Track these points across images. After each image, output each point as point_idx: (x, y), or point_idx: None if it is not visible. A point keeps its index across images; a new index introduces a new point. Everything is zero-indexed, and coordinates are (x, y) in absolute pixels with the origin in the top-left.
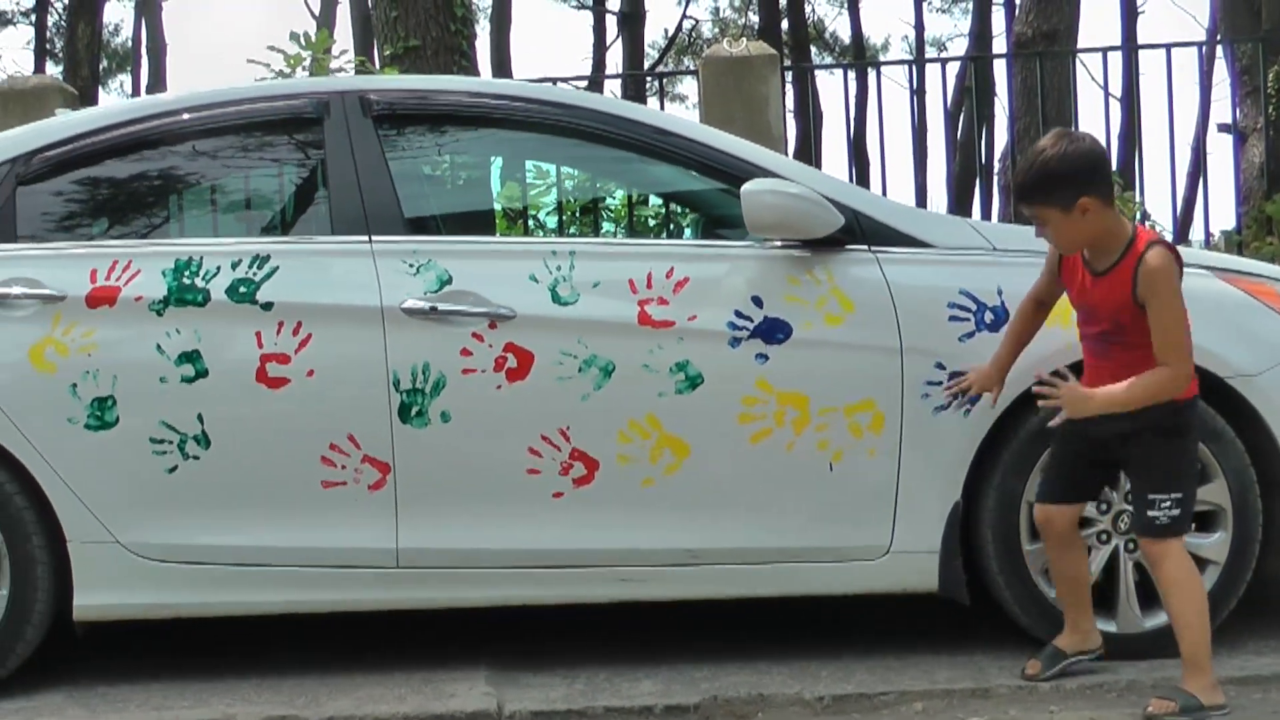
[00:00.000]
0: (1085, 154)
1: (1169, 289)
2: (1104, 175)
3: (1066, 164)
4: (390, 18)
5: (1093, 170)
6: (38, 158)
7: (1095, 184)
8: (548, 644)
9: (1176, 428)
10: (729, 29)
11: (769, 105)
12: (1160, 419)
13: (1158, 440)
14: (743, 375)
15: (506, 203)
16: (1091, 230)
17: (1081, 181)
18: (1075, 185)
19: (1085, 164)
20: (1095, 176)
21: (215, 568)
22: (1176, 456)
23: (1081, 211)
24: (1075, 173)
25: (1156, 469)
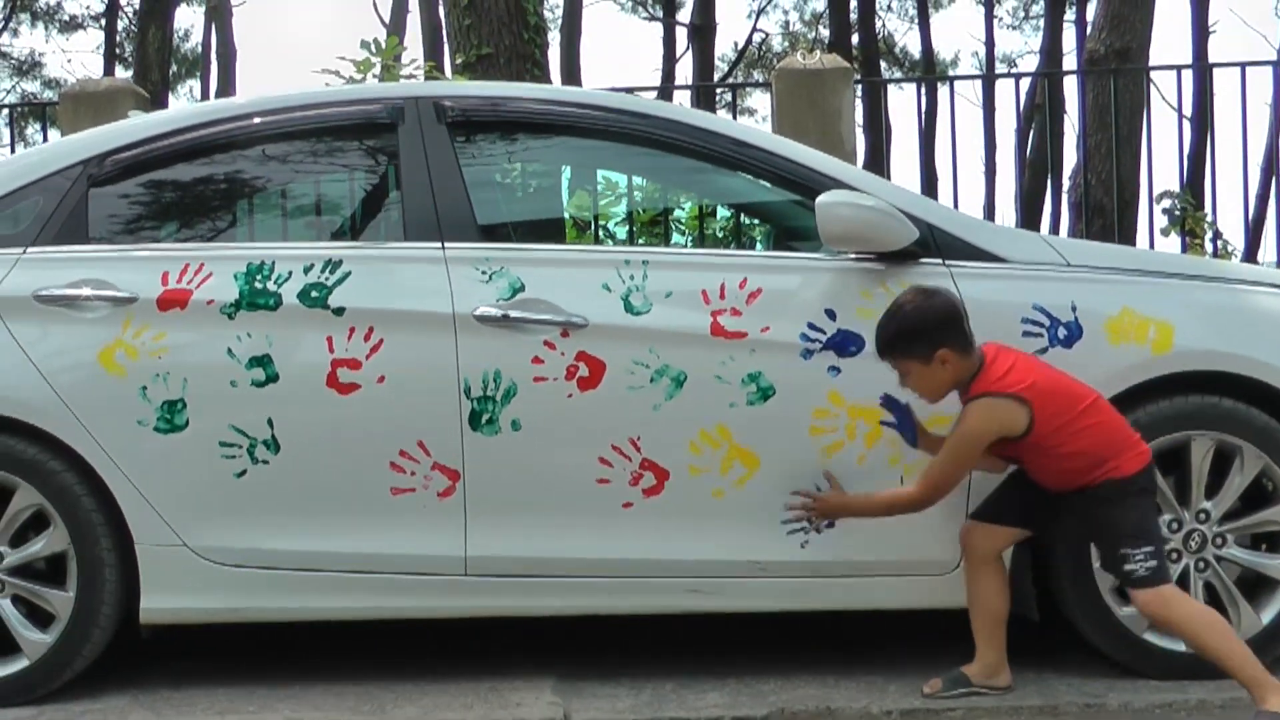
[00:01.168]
0: (941, 308)
1: (966, 434)
2: (959, 327)
3: (924, 319)
4: (463, 25)
5: (948, 323)
6: (110, 159)
7: (952, 335)
8: (615, 654)
9: (1129, 494)
10: (799, 42)
11: (841, 118)
12: (1108, 494)
13: (1115, 507)
14: (814, 387)
15: (576, 212)
16: (952, 378)
17: (938, 334)
18: (933, 338)
19: (941, 317)
20: (951, 328)
21: (282, 573)
22: (1141, 512)
23: (941, 362)
24: (933, 327)
25: (1121, 525)
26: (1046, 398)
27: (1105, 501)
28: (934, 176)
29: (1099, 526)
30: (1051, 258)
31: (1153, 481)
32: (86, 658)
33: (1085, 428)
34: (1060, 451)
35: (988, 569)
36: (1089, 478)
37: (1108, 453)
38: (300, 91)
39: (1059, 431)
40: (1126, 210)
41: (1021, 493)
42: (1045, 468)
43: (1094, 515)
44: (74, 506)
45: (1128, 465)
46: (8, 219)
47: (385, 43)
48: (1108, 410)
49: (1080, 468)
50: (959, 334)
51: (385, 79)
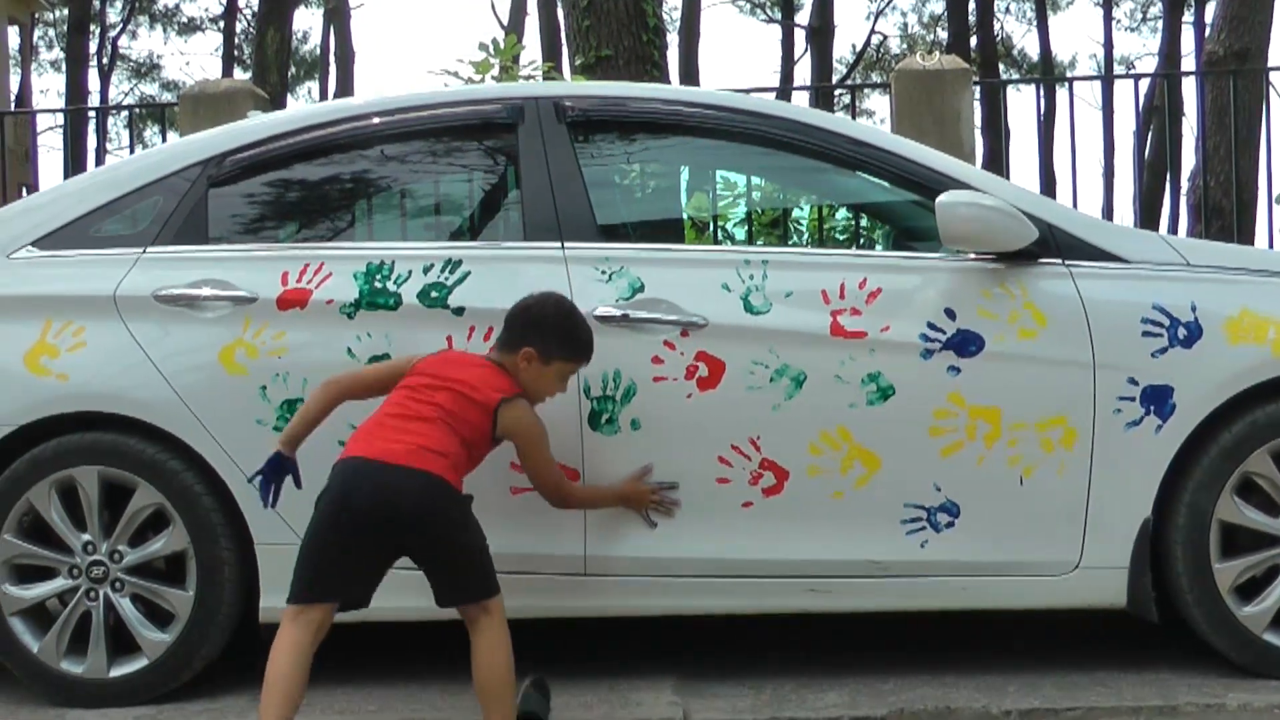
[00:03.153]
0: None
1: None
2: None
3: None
4: (583, 27)
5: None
6: (230, 160)
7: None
8: (735, 654)
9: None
10: (917, 44)
11: (961, 119)
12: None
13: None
14: (935, 388)
15: (695, 212)
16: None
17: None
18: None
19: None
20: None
21: (403, 572)
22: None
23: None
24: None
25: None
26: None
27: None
28: (1053, 178)
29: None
30: (1171, 258)
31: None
32: (205, 657)
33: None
34: None
35: None
36: None
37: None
38: (419, 92)
39: None
40: (1245, 211)
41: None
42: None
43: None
44: (193, 506)
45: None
46: (127, 219)
47: (504, 43)
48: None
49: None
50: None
51: (503, 80)
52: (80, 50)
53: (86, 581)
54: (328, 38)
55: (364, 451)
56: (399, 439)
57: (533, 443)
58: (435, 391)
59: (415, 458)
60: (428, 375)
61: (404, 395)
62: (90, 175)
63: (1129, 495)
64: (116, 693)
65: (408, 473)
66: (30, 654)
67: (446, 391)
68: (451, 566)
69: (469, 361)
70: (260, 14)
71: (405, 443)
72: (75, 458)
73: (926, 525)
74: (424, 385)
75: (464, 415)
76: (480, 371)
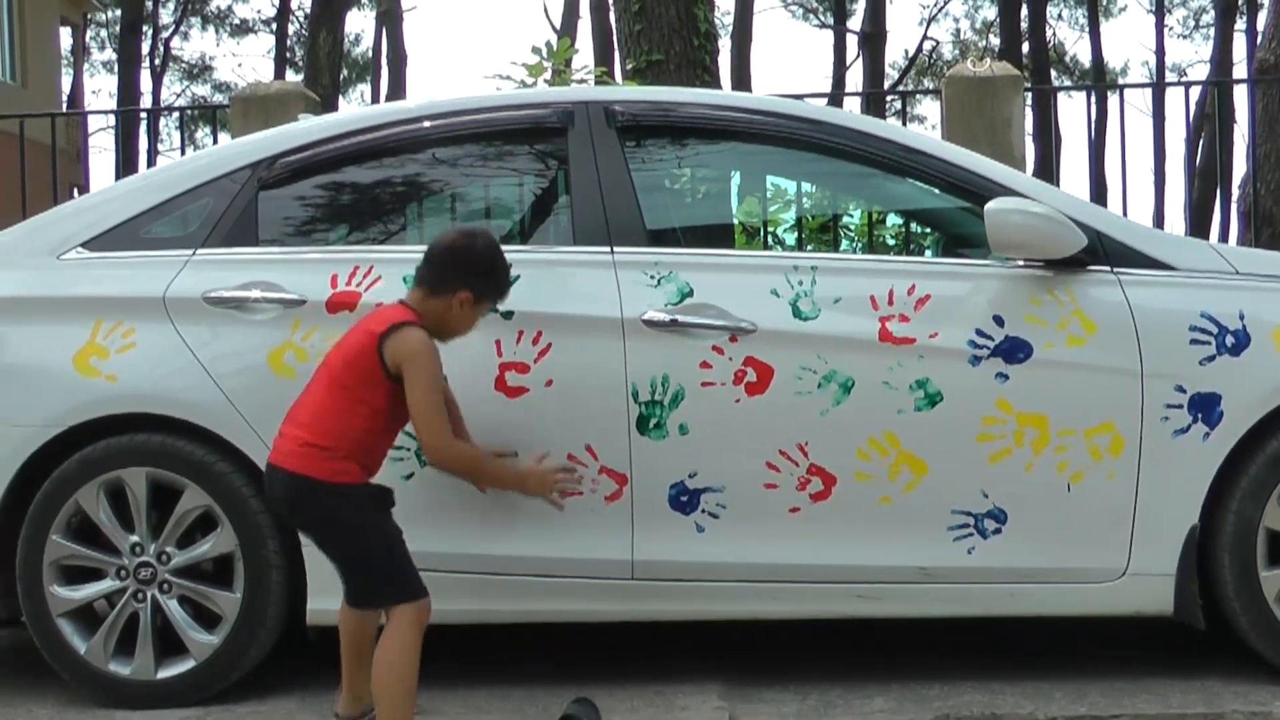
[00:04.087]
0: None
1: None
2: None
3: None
4: (634, 31)
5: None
6: (280, 162)
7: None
8: (780, 658)
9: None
10: (970, 51)
11: (1011, 126)
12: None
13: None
14: (983, 394)
15: (745, 218)
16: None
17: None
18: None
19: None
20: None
21: (449, 575)
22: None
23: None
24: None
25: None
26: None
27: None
28: (1103, 185)
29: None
30: (1220, 266)
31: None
32: (253, 659)
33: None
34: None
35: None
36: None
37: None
38: (470, 95)
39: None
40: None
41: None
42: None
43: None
44: (242, 508)
45: None
46: (177, 220)
47: (557, 46)
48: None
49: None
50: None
51: (555, 84)
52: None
53: (134, 583)
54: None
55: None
56: (284, 431)
57: (421, 371)
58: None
59: (289, 458)
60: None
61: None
62: (141, 177)
63: (1176, 503)
64: (164, 694)
65: (273, 473)
66: (78, 655)
67: (336, 349)
68: (338, 565)
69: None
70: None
71: (285, 435)
72: (124, 459)
73: (974, 531)
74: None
75: (351, 363)
76: (376, 314)
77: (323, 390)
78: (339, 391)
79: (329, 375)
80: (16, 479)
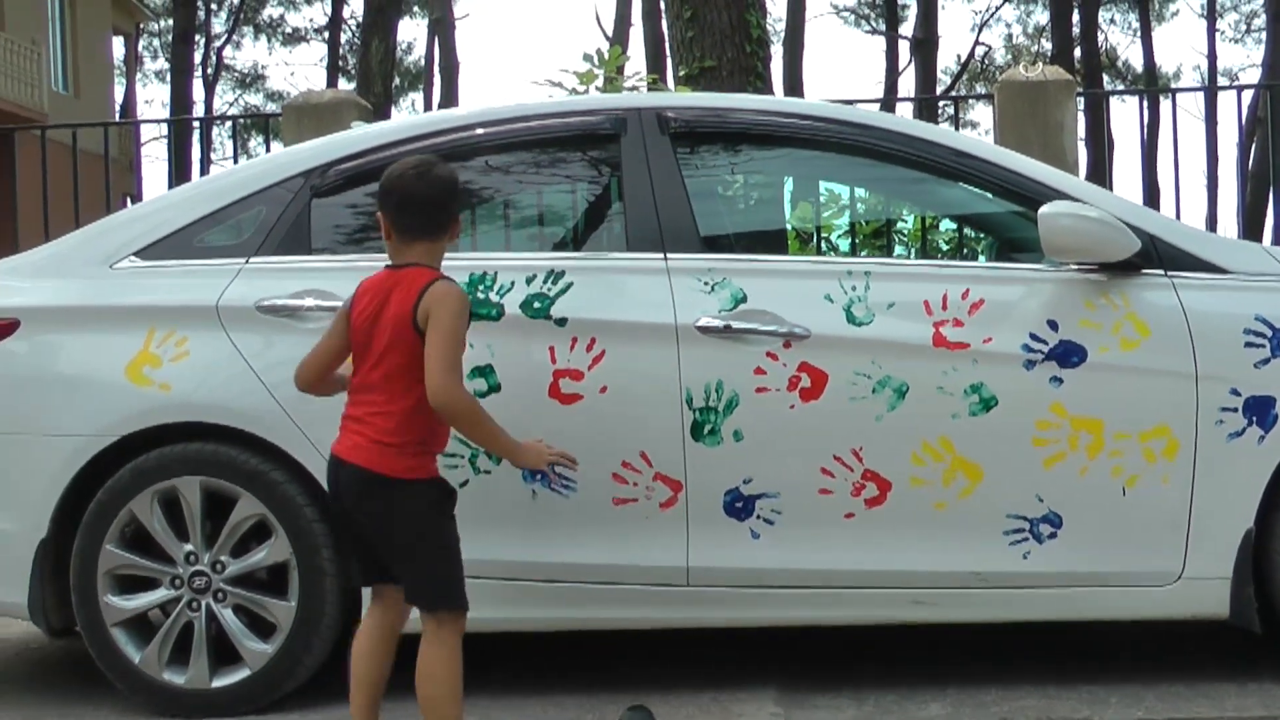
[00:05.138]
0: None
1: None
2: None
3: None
4: (686, 38)
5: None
6: (333, 170)
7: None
8: (835, 664)
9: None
10: (1022, 56)
11: (1064, 130)
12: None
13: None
14: (1037, 399)
15: (799, 224)
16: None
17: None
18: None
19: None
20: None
21: (502, 583)
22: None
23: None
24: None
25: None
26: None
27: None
28: (1156, 190)
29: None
30: (1274, 269)
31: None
32: (308, 668)
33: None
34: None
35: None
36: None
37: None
38: (522, 103)
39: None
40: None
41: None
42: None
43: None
44: (296, 516)
45: None
46: (230, 229)
47: (609, 54)
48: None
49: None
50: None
51: (607, 91)
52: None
53: (189, 592)
54: (432, 49)
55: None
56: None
57: (449, 311)
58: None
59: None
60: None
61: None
62: (194, 185)
63: (1231, 506)
64: (218, 703)
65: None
66: (132, 665)
67: (388, 347)
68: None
69: (394, 283)
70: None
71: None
72: (178, 468)
73: (1029, 536)
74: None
75: (398, 344)
76: (403, 285)
77: (382, 379)
78: (393, 387)
79: (385, 363)
80: (70, 489)
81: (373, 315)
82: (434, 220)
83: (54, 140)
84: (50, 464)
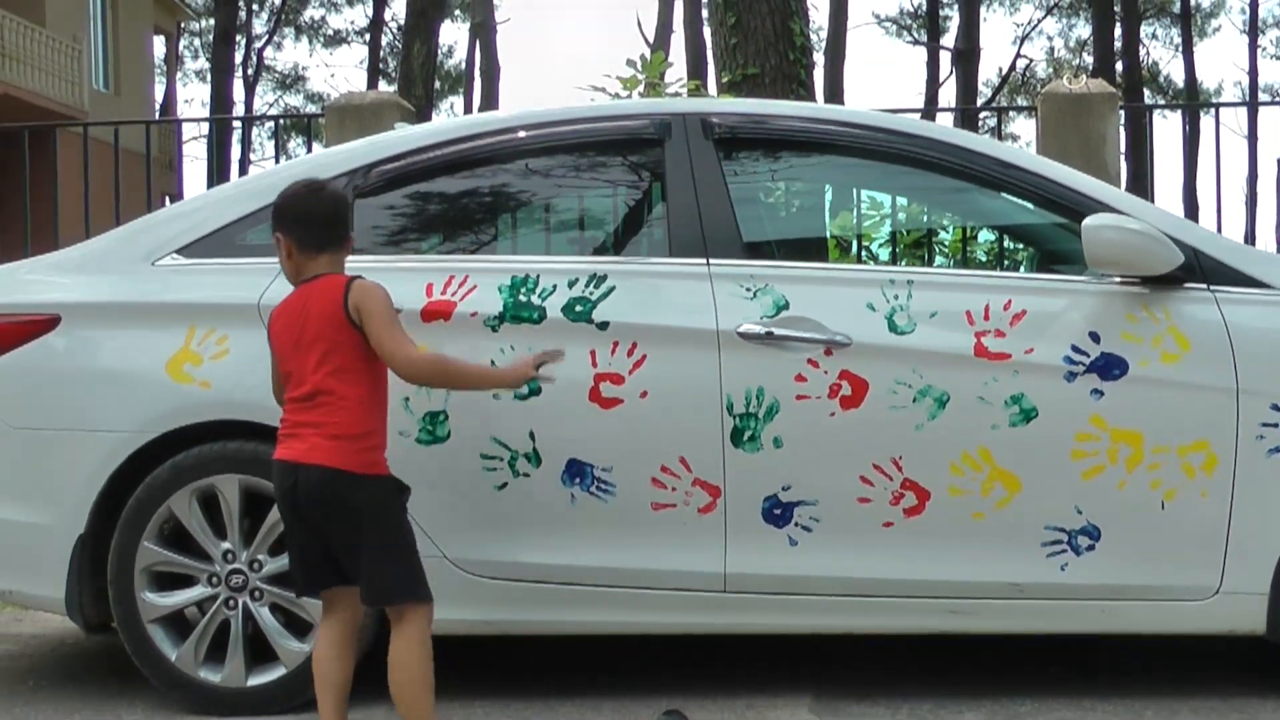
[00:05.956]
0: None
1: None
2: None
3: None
4: (729, 45)
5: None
6: (375, 171)
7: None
8: (871, 672)
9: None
10: (1063, 69)
11: (1106, 143)
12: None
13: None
14: (1077, 410)
15: (840, 232)
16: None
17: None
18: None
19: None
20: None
21: (540, 586)
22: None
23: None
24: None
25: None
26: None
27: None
28: (1196, 204)
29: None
30: None
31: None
32: None
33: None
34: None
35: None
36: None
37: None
38: (565, 106)
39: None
40: None
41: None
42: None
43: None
44: None
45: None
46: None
47: (652, 60)
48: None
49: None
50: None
51: (649, 96)
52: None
53: (226, 590)
54: (473, 52)
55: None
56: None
57: (379, 302)
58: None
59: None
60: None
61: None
62: (236, 184)
63: (1270, 522)
64: (254, 702)
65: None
66: (168, 662)
67: (328, 353)
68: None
69: (310, 295)
70: (406, 28)
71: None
72: (217, 466)
73: (1067, 548)
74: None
75: (340, 340)
76: (319, 292)
77: (330, 378)
78: (359, 368)
79: (328, 363)
80: (109, 485)
81: (297, 331)
82: (334, 232)
83: (95, 138)
84: (89, 460)
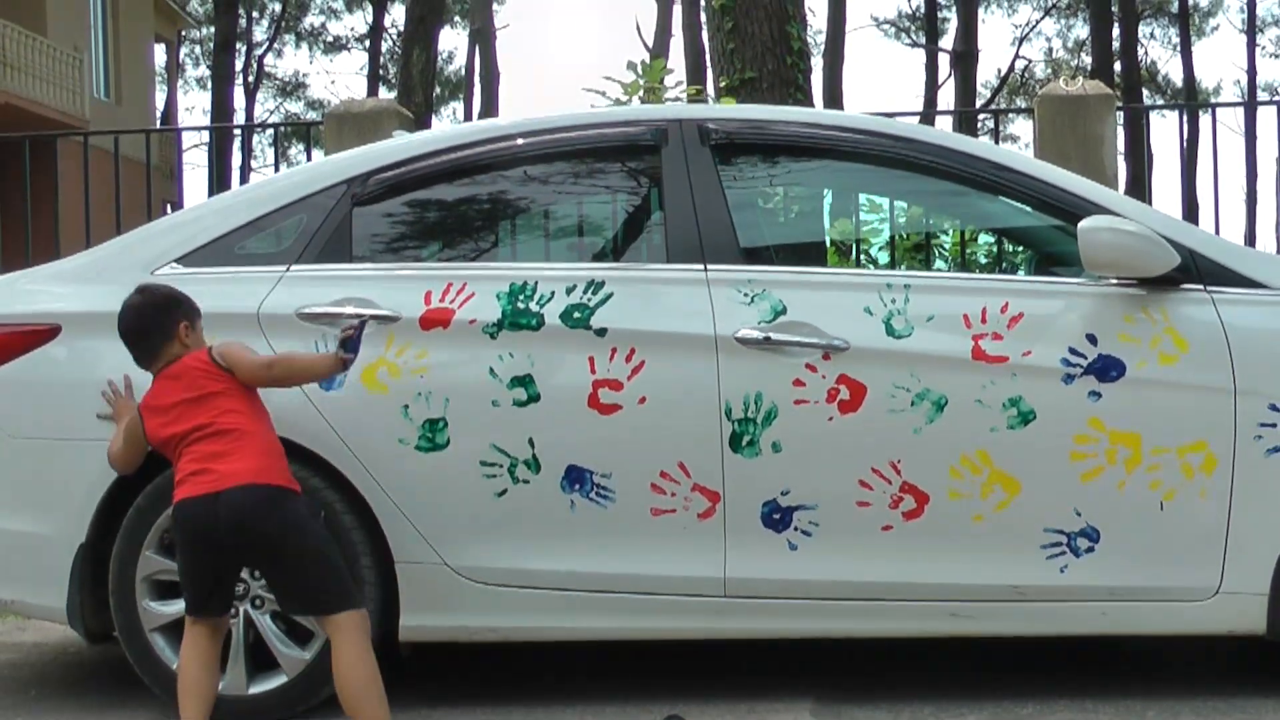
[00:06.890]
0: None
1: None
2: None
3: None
4: (727, 50)
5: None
6: (374, 179)
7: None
8: (872, 675)
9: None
10: (1061, 70)
11: (1104, 144)
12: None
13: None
14: (1075, 413)
15: (838, 236)
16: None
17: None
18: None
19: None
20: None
21: (543, 592)
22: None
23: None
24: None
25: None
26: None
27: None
28: (1195, 204)
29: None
30: None
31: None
32: None
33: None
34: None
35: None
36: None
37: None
38: (563, 113)
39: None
40: None
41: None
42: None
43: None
44: (335, 523)
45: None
46: (271, 237)
47: (651, 65)
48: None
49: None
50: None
51: (649, 102)
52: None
53: None
54: (473, 58)
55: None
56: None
57: (239, 345)
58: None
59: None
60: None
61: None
62: (235, 193)
63: (1269, 522)
64: (255, 709)
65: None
66: (170, 670)
67: (213, 399)
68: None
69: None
70: (406, 34)
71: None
72: None
73: (1066, 550)
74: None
75: (227, 391)
76: (187, 370)
77: (232, 416)
78: (250, 410)
79: (218, 407)
80: (110, 494)
81: (179, 409)
82: (153, 339)
83: (95, 147)
84: (90, 469)
